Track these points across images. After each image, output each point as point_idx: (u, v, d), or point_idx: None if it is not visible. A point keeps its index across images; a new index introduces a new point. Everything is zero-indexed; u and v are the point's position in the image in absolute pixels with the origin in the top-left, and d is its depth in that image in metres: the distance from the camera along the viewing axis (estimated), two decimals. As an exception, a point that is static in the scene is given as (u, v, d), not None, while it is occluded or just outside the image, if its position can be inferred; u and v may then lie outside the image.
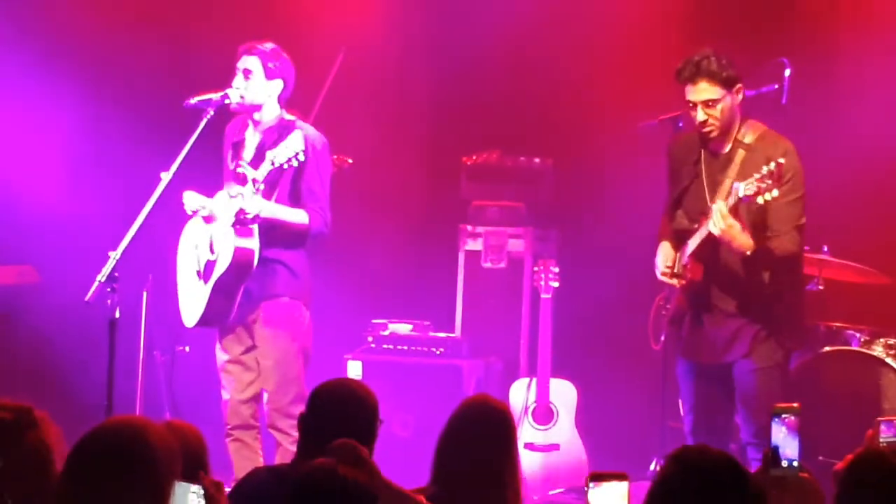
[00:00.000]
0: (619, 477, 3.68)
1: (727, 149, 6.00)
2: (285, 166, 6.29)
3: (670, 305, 6.28)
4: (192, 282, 6.53)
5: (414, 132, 8.77)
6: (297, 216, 6.43)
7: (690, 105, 5.94)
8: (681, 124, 6.67)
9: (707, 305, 6.05)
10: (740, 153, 5.95)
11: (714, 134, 5.95)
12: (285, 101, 6.60)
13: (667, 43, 8.24)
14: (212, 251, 6.43)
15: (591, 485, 3.65)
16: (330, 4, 8.58)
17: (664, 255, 6.23)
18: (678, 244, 6.17)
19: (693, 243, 6.01)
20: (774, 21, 8.10)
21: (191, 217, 6.53)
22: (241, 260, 6.33)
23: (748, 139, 5.97)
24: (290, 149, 6.27)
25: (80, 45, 8.24)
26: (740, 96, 5.96)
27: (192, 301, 6.53)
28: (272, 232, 6.42)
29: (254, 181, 6.30)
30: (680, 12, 8.32)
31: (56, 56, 8.19)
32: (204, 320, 6.50)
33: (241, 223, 6.31)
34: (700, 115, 5.92)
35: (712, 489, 3.27)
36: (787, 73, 6.59)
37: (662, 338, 6.46)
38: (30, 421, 3.57)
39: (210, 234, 6.45)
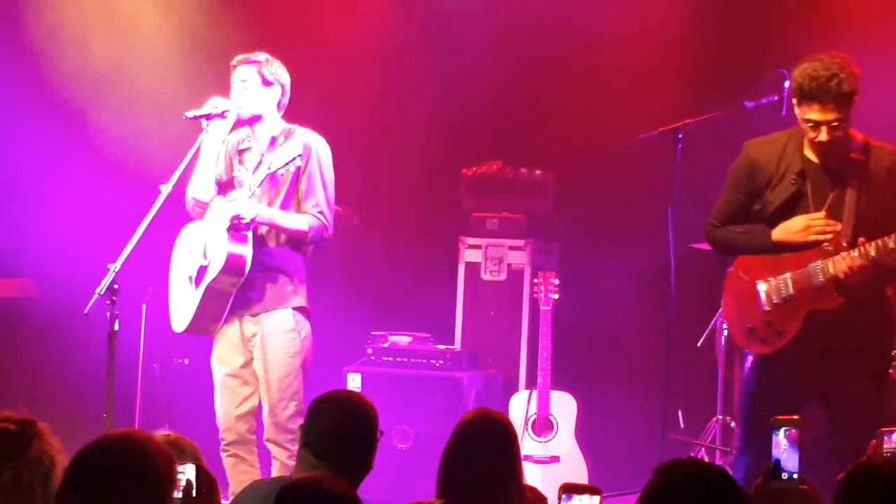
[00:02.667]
0: (592, 490, 3.69)
1: (839, 161, 5.72)
2: (281, 171, 6.28)
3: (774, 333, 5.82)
4: (183, 287, 6.49)
5: (414, 143, 8.78)
6: (296, 221, 6.40)
7: (810, 123, 5.64)
8: (681, 136, 6.65)
9: (836, 332, 5.70)
10: (853, 163, 5.70)
11: (832, 154, 5.68)
12: (282, 108, 6.59)
13: (668, 55, 8.25)
14: (205, 256, 6.41)
15: (563, 497, 3.66)
16: (331, 14, 8.58)
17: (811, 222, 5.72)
18: (770, 266, 5.80)
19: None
20: (775, 33, 8.10)
21: (218, 117, 6.39)
22: (232, 265, 6.28)
23: (855, 148, 5.73)
24: (287, 153, 6.24)
25: (78, 55, 8.24)
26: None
27: (183, 306, 6.48)
28: (275, 240, 6.41)
29: (249, 186, 6.30)
30: (681, 25, 8.33)
31: (53, 66, 8.19)
32: (193, 326, 6.45)
33: (235, 228, 6.28)
34: (823, 136, 5.62)
35: (700, 499, 3.27)
36: (787, 84, 6.58)
37: (748, 363, 6.18)
38: (33, 433, 3.57)
39: (204, 239, 6.42)
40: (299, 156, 6.24)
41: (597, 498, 3.67)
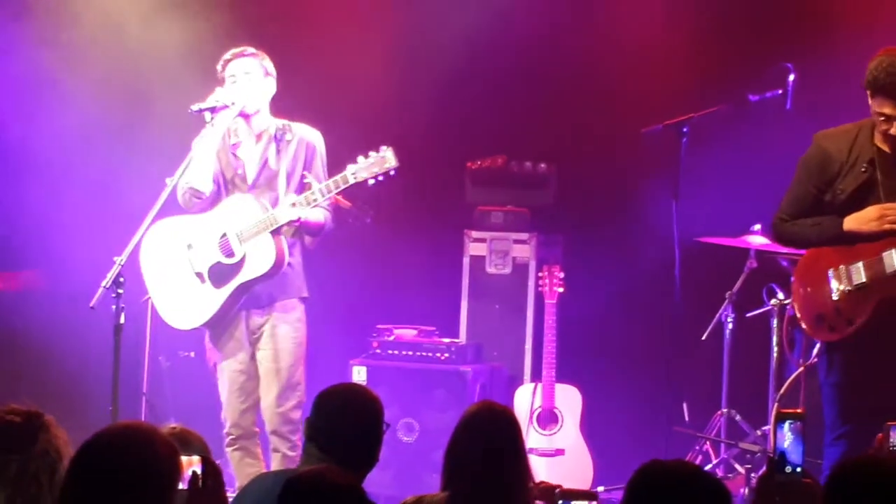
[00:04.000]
0: (589, 496, 3.72)
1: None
2: (371, 182, 6.25)
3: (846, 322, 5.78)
4: (187, 283, 6.43)
5: (418, 137, 8.77)
6: (318, 216, 6.43)
7: (882, 117, 5.63)
8: (685, 129, 6.65)
9: None
10: None
11: None
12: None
13: (672, 48, 8.24)
14: (227, 254, 6.39)
15: (559, 503, 3.69)
16: (334, 10, 8.58)
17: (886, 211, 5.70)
18: (842, 255, 5.76)
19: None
20: (778, 26, 8.09)
21: (223, 110, 6.37)
22: (280, 261, 6.33)
23: None
24: (380, 165, 6.21)
25: (90, 48, 8.23)
26: None
27: (191, 303, 6.45)
28: (285, 234, 6.41)
29: (321, 191, 6.26)
30: (685, 18, 8.32)
31: (64, 60, 8.19)
32: (212, 322, 6.44)
33: (278, 229, 6.29)
34: (894, 130, 5.62)
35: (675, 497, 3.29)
36: (791, 78, 6.58)
37: (815, 351, 6.19)
38: (40, 425, 3.59)
39: (220, 236, 6.38)
40: (395, 168, 6.21)
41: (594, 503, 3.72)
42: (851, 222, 5.74)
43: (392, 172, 6.24)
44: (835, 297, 5.75)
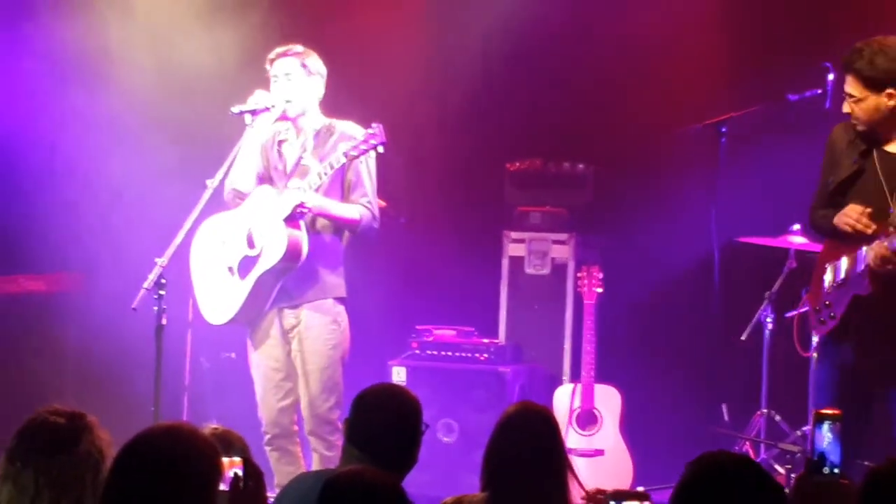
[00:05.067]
0: (640, 497, 3.72)
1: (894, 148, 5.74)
2: (353, 152, 6.22)
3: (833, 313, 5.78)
4: (220, 279, 6.45)
5: (457, 139, 8.80)
6: (348, 211, 6.41)
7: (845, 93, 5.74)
8: (724, 129, 6.64)
9: (871, 319, 5.66)
10: None
11: (859, 128, 5.71)
12: (319, 100, 6.61)
13: (709, 47, 8.23)
14: (250, 245, 6.41)
15: (611, 503, 3.70)
16: (373, 13, 8.61)
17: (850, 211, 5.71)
18: (840, 249, 5.75)
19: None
20: (818, 25, 8.06)
21: (263, 112, 6.41)
22: (293, 250, 6.27)
23: None
24: (367, 143, 6.20)
25: (134, 50, 8.28)
26: (892, 102, 5.64)
27: (224, 298, 6.45)
28: (314, 229, 6.40)
29: (319, 174, 6.27)
30: (722, 16, 8.31)
31: (111, 64, 8.23)
32: (238, 317, 6.44)
33: (293, 216, 6.27)
34: (845, 107, 5.72)
35: (731, 491, 3.28)
36: (831, 77, 6.57)
37: (815, 342, 6.24)
38: (83, 426, 3.62)
39: (246, 229, 6.40)
40: (372, 148, 6.22)
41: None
42: (837, 218, 5.76)
43: (380, 149, 6.22)
44: (826, 290, 5.80)
